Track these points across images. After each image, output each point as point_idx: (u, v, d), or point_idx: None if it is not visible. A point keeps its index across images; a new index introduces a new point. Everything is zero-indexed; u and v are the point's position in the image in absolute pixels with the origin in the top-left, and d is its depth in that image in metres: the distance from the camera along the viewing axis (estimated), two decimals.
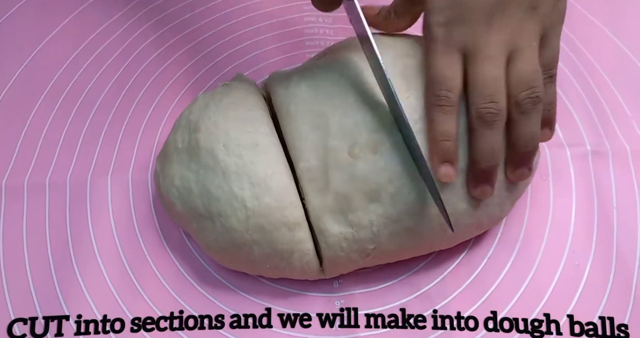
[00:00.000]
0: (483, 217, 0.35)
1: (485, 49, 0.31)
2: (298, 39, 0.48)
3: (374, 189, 0.33)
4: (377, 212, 0.33)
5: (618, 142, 0.42)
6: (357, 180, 0.33)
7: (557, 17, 0.33)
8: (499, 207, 0.36)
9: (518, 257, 0.38)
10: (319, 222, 0.33)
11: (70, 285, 0.37)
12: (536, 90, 0.32)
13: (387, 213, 0.33)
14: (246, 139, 0.34)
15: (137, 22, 0.49)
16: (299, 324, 0.36)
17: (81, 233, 0.39)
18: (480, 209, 0.35)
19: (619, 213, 0.39)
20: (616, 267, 0.37)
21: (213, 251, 0.35)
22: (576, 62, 0.46)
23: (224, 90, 0.37)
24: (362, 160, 0.33)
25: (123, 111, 0.44)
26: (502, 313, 0.36)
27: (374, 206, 0.33)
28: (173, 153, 0.36)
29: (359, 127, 0.33)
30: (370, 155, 0.33)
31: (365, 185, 0.33)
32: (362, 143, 0.33)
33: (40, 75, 0.46)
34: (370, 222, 0.33)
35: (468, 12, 0.31)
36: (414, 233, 0.34)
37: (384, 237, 0.34)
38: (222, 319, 0.36)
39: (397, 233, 0.34)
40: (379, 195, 0.33)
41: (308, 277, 0.36)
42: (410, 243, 0.35)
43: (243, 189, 0.33)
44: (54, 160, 0.42)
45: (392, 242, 0.34)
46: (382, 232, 0.33)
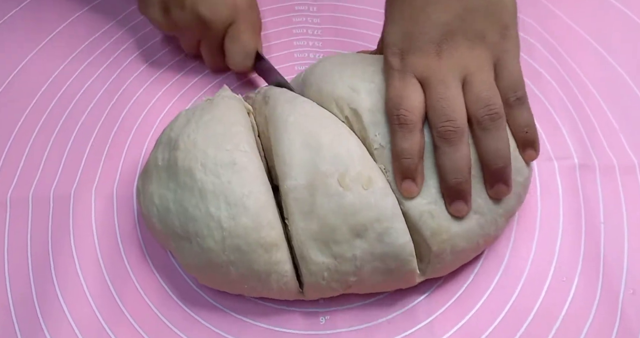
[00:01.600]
0: (479, 239, 0.35)
1: (439, 74, 0.33)
2: (287, 50, 0.48)
3: (360, 224, 0.32)
4: (362, 248, 0.33)
5: (605, 155, 0.42)
6: (345, 212, 0.32)
7: (511, 44, 0.35)
8: (494, 227, 0.35)
9: (505, 272, 0.38)
10: (302, 247, 0.33)
11: (49, 301, 0.37)
12: (493, 107, 0.33)
13: (371, 250, 0.33)
14: (224, 158, 0.33)
15: (124, 36, 0.49)
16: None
17: (62, 247, 0.39)
18: (475, 232, 0.34)
19: (606, 227, 0.39)
20: (603, 281, 0.37)
21: (192, 270, 0.35)
22: (564, 75, 0.46)
23: (205, 106, 0.37)
24: (352, 192, 0.32)
25: (109, 125, 0.44)
26: (490, 328, 0.36)
27: (359, 242, 0.33)
28: (153, 170, 0.36)
29: (352, 157, 0.33)
30: (361, 189, 0.33)
31: (352, 219, 0.32)
32: (354, 175, 0.33)
33: (26, 88, 0.46)
34: (354, 256, 0.33)
35: (418, 43, 0.34)
36: (397, 274, 0.34)
37: (366, 271, 0.33)
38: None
39: (380, 271, 0.34)
40: (366, 231, 0.32)
41: (287, 297, 0.35)
42: (392, 279, 0.34)
43: (219, 209, 0.32)
44: (38, 173, 0.42)
45: (374, 277, 0.34)
46: (365, 266, 0.33)
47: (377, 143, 0.34)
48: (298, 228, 0.33)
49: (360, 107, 0.35)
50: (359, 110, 0.35)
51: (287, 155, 0.33)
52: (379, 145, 0.34)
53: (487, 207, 0.34)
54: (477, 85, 0.33)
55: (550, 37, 0.48)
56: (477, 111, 0.33)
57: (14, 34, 0.48)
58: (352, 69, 0.37)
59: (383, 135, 0.34)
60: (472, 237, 0.34)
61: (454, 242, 0.34)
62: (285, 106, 0.36)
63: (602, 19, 0.49)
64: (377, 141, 0.34)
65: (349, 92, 0.36)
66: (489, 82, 0.34)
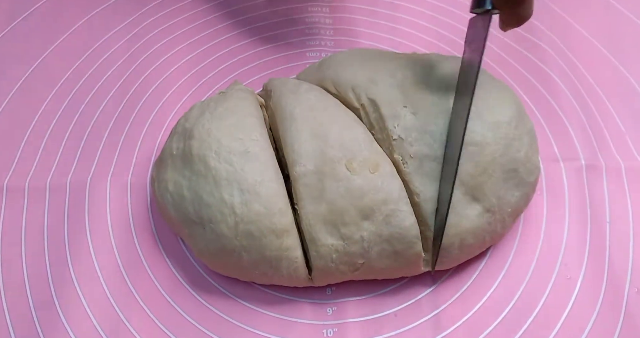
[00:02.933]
0: (486, 235, 0.36)
1: None
2: (299, 50, 0.49)
3: (368, 206, 0.33)
4: (370, 230, 0.34)
5: (612, 157, 0.43)
6: (353, 195, 0.33)
7: None
8: (501, 224, 0.36)
9: (510, 269, 0.38)
10: (311, 230, 0.34)
11: (65, 285, 0.38)
12: None
13: (378, 232, 0.34)
14: (237, 146, 0.34)
15: (141, 32, 0.50)
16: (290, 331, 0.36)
17: (78, 234, 0.40)
18: (483, 229, 0.35)
19: (612, 227, 0.40)
20: (607, 280, 0.38)
21: (204, 257, 0.36)
22: (572, 77, 0.47)
23: (219, 98, 0.38)
24: (360, 176, 0.33)
25: (125, 116, 0.45)
26: (493, 324, 0.36)
27: (367, 223, 0.34)
28: (168, 159, 0.37)
29: (359, 144, 0.34)
30: (368, 173, 0.34)
31: (360, 202, 0.33)
32: (361, 159, 0.34)
33: (45, 79, 0.47)
34: (362, 237, 0.34)
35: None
36: (403, 257, 0.35)
37: (374, 253, 0.34)
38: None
39: (386, 254, 0.34)
40: (373, 213, 0.33)
41: (296, 284, 0.36)
42: (398, 265, 0.35)
43: (233, 196, 0.33)
44: (56, 162, 0.43)
45: (381, 260, 0.35)
46: (373, 248, 0.34)
47: (396, 134, 0.35)
48: (308, 213, 0.34)
49: (378, 99, 0.36)
50: (377, 102, 0.36)
51: (295, 143, 0.34)
52: (397, 136, 0.35)
53: (498, 206, 0.35)
54: None
55: (561, 42, 0.49)
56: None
57: (38, 25, 0.50)
58: (374, 62, 0.38)
59: (402, 128, 0.35)
60: (480, 233, 0.35)
61: (463, 237, 0.35)
62: (290, 97, 0.37)
63: (611, 25, 0.50)
64: (396, 132, 0.35)
65: (367, 82, 0.37)
66: None
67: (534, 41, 0.49)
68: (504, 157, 0.35)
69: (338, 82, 0.38)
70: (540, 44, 0.49)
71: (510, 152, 0.35)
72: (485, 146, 0.35)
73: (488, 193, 0.35)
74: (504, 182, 0.35)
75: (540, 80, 0.47)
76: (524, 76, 0.47)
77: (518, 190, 0.36)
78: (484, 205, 0.35)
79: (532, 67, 0.47)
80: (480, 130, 0.35)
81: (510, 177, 0.35)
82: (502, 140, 0.35)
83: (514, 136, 0.36)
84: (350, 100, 0.37)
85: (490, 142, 0.35)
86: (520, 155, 0.36)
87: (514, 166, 0.35)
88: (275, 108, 0.37)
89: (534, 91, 0.46)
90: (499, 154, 0.35)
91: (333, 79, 0.38)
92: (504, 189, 0.35)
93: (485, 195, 0.35)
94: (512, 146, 0.35)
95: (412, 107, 0.36)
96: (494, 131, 0.35)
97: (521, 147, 0.36)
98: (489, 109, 0.36)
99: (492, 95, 0.37)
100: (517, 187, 0.36)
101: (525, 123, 0.37)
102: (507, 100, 0.37)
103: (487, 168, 0.35)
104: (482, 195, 0.35)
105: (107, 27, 0.50)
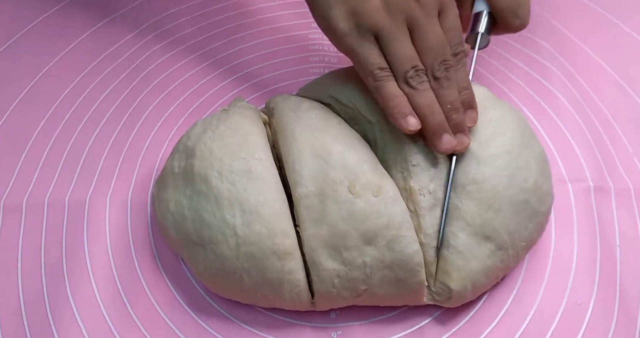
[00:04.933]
0: (499, 273, 0.35)
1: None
2: (302, 66, 0.49)
3: (370, 231, 0.32)
4: (372, 255, 0.33)
5: (620, 178, 0.42)
6: (355, 218, 0.32)
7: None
8: (515, 259, 0.35)
9: (519, 295, 0.38)
10: (313, 253, 0.33)
11: (61, 305, 0.37)
12: (446, 57, 0.34)
13: (381, 258, 0.33)
14: (240, 166, 0.34)
15: (144, 47, 0.49)
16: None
17: (76, 252, 0.39)
18: (497, 267, 0.34)
19: (622, 250, 0.39)
20: (619, 305, 0.37)
21: (205, 278, 0.35)
22: (579, 98, 0.46)
23: (222, 116, 0.37)
24: (363, 199, 0.33)
25: (126, 133, 0.45)
26: None
27: (369, 249, 0.33)
28: (169, 178, 0.36)
29: (362, 166, 0.33)
30: (371, 196, 0.33)
31: (362, 226, 0.32)
32: (364, 182, 0.33)
33: (46, 95, 0.46)
34: (364, 263, 0.33)
35: (360, 3, 0.34)
36: (406, 285, 0.34)
37: (376, 280, 0.33)
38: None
39: (388, 281, 0.33)
40: (376, 238, 0.33)
41: (299, 308, 0.35)
42: (401, 293, 0.34)
43: (234, 216, 0.33)
44: (54, 179, 0.42)
45: (383, 288, 0.34)
46: (375, 274, 0.33)
47: (415, 161, 0.35)
48: (309, 235, 0.33)
49: None
50: None
51: (297, 164, 0.34)
52: (417, 163, 0.34)
53: (510, 242, 0.34)
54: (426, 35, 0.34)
55: (567, 63, 0.48)
56: (431, 62, 0.34)
57: (36, 42, 0.49)
58: None
59: (422, 158, 0.34)
60: (493, 272, 0.34)
61: (475, 279, 0.34)
62: (290, 115, 0.36)
63: (617, 45, 0.49)
64: (416, 159, 0.34)
65: None
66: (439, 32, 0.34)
67: (542, 62, 0.48)
68: (510, 189, 0.34)
69: (353, 95, 0.37)
70: (547, 65, 0.48)
71: (516, 183, 0.34)
72: (484, 182, 0.34)
73: (499, 229, 0.34)
74: (515, 215, 0.34)
75: (547, 100, 0.46)
76: (531, 97, 0.46)
77: (531, 222, 0.35)
78: (496, 242, 0.34)
79: (538, 88, 0.47)
80: (476, 166, 0.34)
81: (521, 209, 0.34)
82: (503, 172, 0.34)
83: (518, 166, 0.34)
84: (366, 114, 0.36)
85: (489, 177, 0.34)
86: (528, 185, 0.34)
87: (523, 197, 0.34)
88: (277, 126, 0.36)
89: (540, 112, 0.46)
90: (503, 187, 0.34)
91: (347, 91, 0.37)
92: (516, 223, 0.34)
93: (496, 231, 0.34)
94: (516, 177, 0.34)
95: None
96: (491, 165, 0.34)
97: (528, 176, 0.35)
98: (485, 142, 0.35)
99: (490, 124, 0.36)
100: (529, 218, 0.35)
101: (533, 149, 0.36)
102: (507, 127, 0.36)
103: (491, 204, 0.34)
104: (493, 232, 0.34)
105: (107, 44, 0.49)
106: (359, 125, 0.37)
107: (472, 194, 0.34)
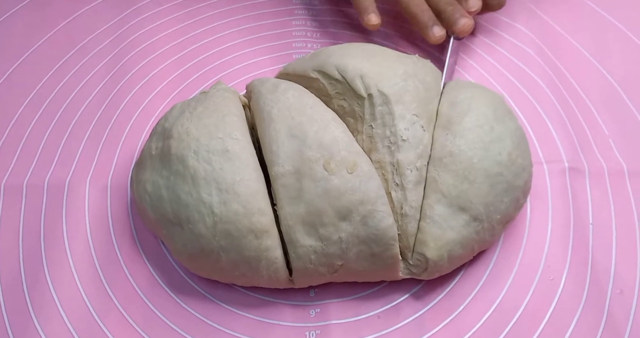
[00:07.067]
0: (474, 245, 0.35)
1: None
2: (286, 51, 0.49)
3: (345, 207, 0.33)
4: (347, 230, 0.33)
5: (595, 159, 0.43)
6: (330, 195, 0.33)
7: None
8: (490, 232, 0.36)
9: (494, 270, 0.38)
10: (290, 231, 0.33)
11: (39, 287, 0.37)
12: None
13: (356, 233, 0.33)
14: (216, 145, 0.34)
15: (126, 32, 0.49)
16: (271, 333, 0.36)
17: (55, 235, 0.39)
18: (472, 238, 0.35)
19: (595, 229, 0.40)
20: (590, 280, 0.37)
21: (183, 258, 0.35)
22: (556, 81, 0.47)
23: (200, 98, 0.37)
24: (337, 176, 0.33)
25: (107, 117, 0.45)
26: (477, 325, 0.36)
27: (345, 224, 0.33)
28: (147, 159, 0.36)
29: (337, 143, 0.34)
30: (346, 173, 0.33)
31: (337, 202, 0.33)
32: (339, 159, 0.33)
33: (27, 78, 0.46)
34: (340, 238, 0.33)
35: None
36: (381, 260, 0.34)
37: (352, 255, 0.34)
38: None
39: (364, 256, 0.34)
40: (350, 214, 0.33)
41: (277, 285, 0.36)
42: (376, 267, 0.35)
43: (211, 195, 0.33)
44: (34, 162, 0.42)
45: (359, 262, 0.34)
46: (351, 250, 0.34)
47: (405, 136, 0.35)
48: (286, 213, 0.33)
49: (391, 94, 0.36)
50: (389, 96, 0.35)
51: (273, 144, 0.34)
52: (407, 138, 0.35)
53: (486, 214, 0.35)
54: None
55: (545, 46, 0.49)
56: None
57: (19, 24, 0.49)
58: (382, 58, 0.38)
59: (413, 135, 0.35)
60: (468, 243, 0.35)
61: (451, 249, 0.34)
62: (268, 97, 0.36)
63: (596, 30, 0.50)
64: (406, 134, 0.35)
65: (377, 75, 0.36)
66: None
67: (520, 46, 0.49)
68: (484, 161, 0.35)
69: (344, 68, 0.37)
70: (525, 49, 0.49)
71: (490, 155, 0.35)
72: (460, 154, 0.35)
73: (474, 201, 0.34)
74: (491, 188, 0.35)
75: (524, 83, 0.47)
76: (508, 79, 0.47)
77: (507, 196, 0.36)
78: (471, 213, 0.34)
79: (516, 71, 0.48)
80: (452, 139, 0.35)
81: (496, 182, 0.35)
82: (477, 145, 0.35)
83: (492, 139, 0.35)
84: (357, 88, 0.36)
85: (464, 149, 0.35)
86: (502, 158, 0.35)
87: (498, 170, 0.35)
88: (255, 108, 0.37)
89: (518, 94, 0.46)
90: (478, 159, 0.35)
91: (338, 65, 0.37)
92: (492, 195, 0.35)
93: (471, 203, 0.34)
94: (490, 149, 0.35)
95: (422, 121, 0.35)
96: (465, 137, 0.35)
97: (502, 150, 0.35)
98: (460, 117, 0.36)
99: (464, 102, 0.37)
100: (505, 192, 0.35)
101: (508, 124, 0.37)
102: (479, 103, 0.37)
103: (466, 175, 0.34)
104: (468, 203, 0.34)
105: (91, 27, 0.50)
106: (346, 100, 0.37)
107: (449, 166, 0.34)
